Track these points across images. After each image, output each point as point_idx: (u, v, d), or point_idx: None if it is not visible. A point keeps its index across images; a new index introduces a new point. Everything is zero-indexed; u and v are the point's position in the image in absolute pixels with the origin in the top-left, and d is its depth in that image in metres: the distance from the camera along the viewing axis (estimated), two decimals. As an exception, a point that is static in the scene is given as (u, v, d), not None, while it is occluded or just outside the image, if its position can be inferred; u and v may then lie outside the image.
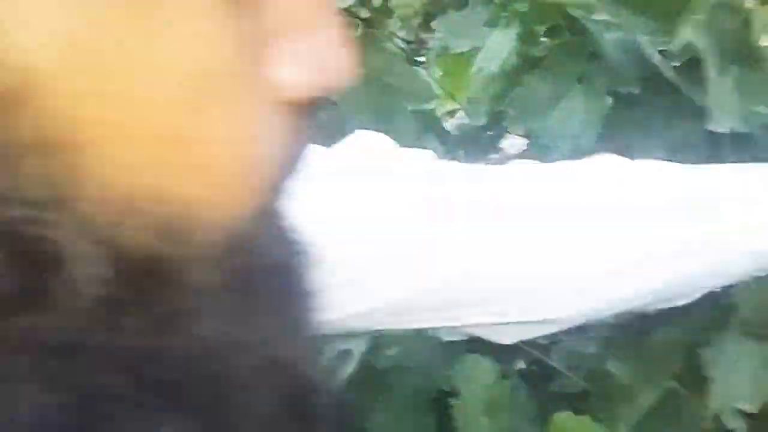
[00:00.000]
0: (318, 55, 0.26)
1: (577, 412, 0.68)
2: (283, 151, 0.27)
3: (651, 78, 0.68)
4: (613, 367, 0.70)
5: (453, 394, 0.71)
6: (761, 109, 0.63)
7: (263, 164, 0.26)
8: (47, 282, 0.22)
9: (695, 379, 0.68)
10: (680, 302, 0.58)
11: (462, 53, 0.83)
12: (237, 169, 0.25)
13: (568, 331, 0.60)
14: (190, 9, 0.23)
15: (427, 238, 0.53)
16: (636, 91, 0.70)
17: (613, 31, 0.69)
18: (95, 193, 0.22)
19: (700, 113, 0.65)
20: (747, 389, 0.66)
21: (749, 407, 0.66)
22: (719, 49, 0.62)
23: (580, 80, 0.71)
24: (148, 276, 0.23)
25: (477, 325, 0.56)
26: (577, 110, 0.70)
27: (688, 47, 0.63)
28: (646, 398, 0.69)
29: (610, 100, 0.71)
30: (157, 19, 0.22)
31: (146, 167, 0.23)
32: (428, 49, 1.05)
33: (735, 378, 0.67)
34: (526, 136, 0.76)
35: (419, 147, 0.58)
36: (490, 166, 0.58)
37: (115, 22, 0.21)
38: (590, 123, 0.70)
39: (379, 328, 0.58)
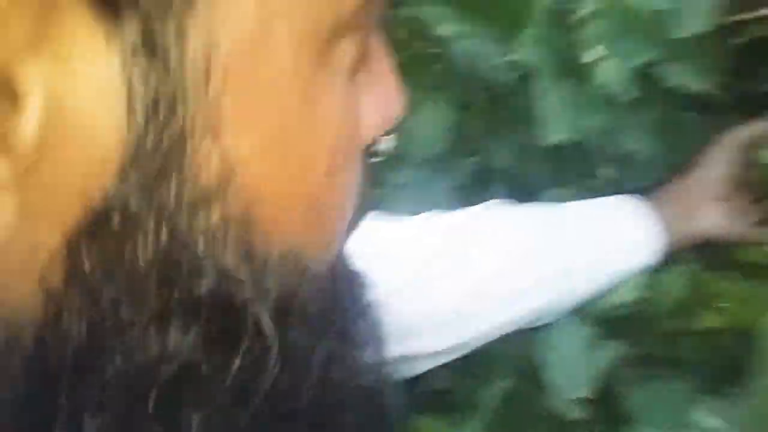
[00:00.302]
0: (387, 96, 0.30)
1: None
2: (362, 195, 0.31)
3: (496, 88, 0.71)
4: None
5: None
6: (589, 120, 0.67)
7: (355, 208, 0.30)
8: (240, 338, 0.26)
9: (534, 374, 0.69)
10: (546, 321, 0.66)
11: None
12: (343, 215, 0.30)
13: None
14: (321, 86, 0.26)
15: None
16: (483, 101, 0.72)
17: (461, 42, 0.70)
18: (276, 256, 0.26)
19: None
20: (579, 375, 0.66)
21: (585, 393, 0.66)
22: (551, 63, 0.66)
23: (430, 90, 0.73)
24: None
25: None
26: (428, 120, 0.72)
27: (524, 61, 0.66)
28: (491, 400, 0.70)
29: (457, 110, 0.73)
30: (315, 97, 0.26)
31: (301, 226, 0.27)
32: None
33: (565, 364, 0.66)
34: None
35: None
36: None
37: (290, 107, 0.25)
38: (441, 132, 0.72)
39: None
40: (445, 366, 0.64)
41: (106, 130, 0.23)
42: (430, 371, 0.64)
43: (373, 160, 0.31)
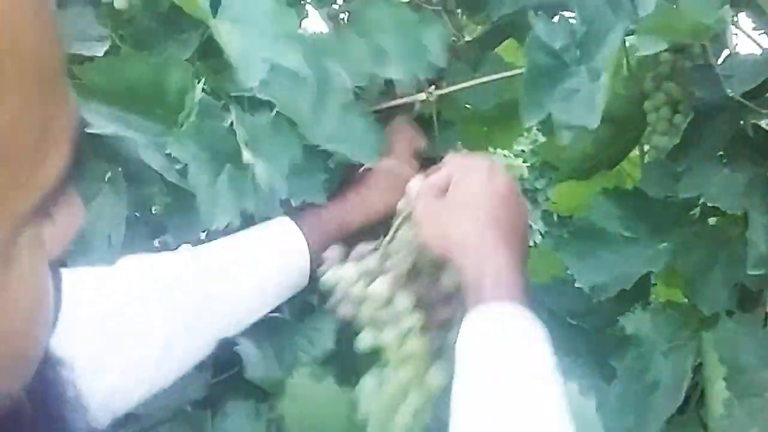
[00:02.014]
0: (71, 217, 0.35)
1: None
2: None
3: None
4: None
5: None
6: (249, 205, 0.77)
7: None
8: None
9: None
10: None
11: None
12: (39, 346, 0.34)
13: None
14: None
15: None
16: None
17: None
18: None
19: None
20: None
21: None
22: (209, 154, 0.72)
23: (107, 181, 0.81)
24: None
25: None
26: (106, 208, 0.80)
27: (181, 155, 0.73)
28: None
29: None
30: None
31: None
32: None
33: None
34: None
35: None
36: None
37: None
38: (118, 221, 0.80)
39: None
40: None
41: None
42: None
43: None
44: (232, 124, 0.76)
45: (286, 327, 0.85)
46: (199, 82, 0.75)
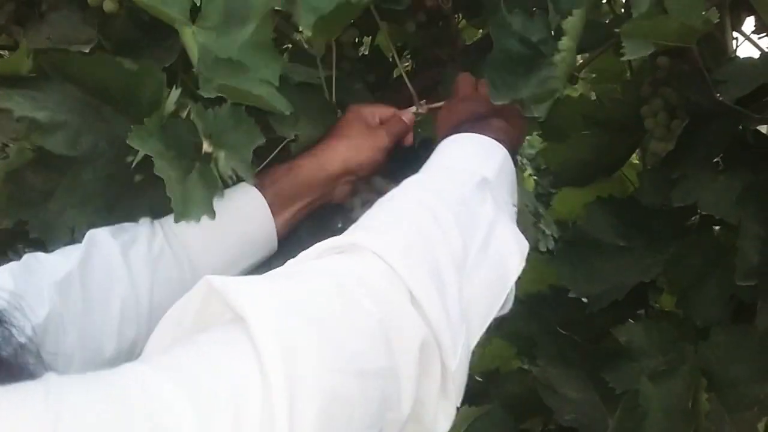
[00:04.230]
0: None
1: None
2: None
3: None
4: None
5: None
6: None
7: None
8: None
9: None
10: None
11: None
12: None
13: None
14: None
15: None
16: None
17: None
18: None
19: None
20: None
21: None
22: (175, 151, 0.72)
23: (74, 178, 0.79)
24: None
25: None
26: (72, 202, 0.78)
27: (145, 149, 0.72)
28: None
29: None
30: None
31: None
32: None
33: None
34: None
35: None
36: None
37: None
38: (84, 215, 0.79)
39: None
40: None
41: None
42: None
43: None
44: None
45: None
46: (177, 88, 0.75)
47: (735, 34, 0.94)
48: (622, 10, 1.12)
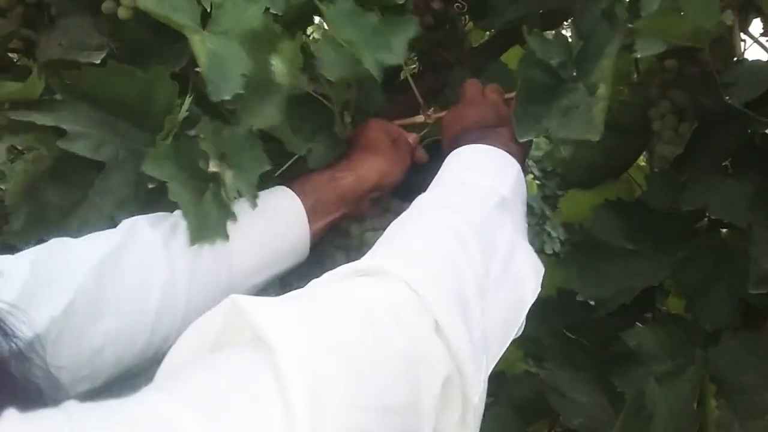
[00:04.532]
0: None
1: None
2: None
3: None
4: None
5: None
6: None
7: None
8: None
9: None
10: None
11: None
12: None
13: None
14: None
15: None
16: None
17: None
18: None
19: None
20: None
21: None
22: (188, 173, 0.72)
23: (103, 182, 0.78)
24: None
25: None
26: (92, 217, 0.78)
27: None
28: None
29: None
30: None
31: None
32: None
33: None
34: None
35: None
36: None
37: None
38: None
39: None
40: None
41: None
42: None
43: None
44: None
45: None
46: (189, 96, 0.75)
47: (743, 36, 0.94)
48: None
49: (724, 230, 0.92)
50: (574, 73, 0.78)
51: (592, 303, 0.92)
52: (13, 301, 0.56)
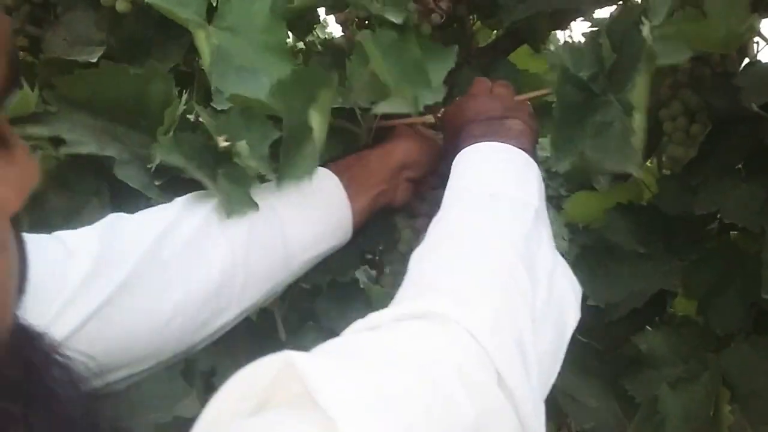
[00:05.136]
0: (23, 173, 0.35)
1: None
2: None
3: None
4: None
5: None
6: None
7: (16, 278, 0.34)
8: None
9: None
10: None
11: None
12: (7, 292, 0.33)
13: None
14: None
15: None
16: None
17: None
18: None
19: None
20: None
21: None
22: (196, 162, 0.71)
23: (94, 195, 0.80)
24: None
25: None
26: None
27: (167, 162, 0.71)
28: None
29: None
30: None
31: None
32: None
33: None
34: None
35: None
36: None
37: None
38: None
39: None
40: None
41: None
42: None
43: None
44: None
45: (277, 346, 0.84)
46: (185, 93, 0.74)
47: (756, 38, 0.93)
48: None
49: (735, 233, 0.92)
50: (607, 85, 0.75)
51: (602, 306, 0.91)
52: (85, 275, 0.60)
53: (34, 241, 0.40)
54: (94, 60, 0.84)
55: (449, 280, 0.56)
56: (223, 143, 0.72)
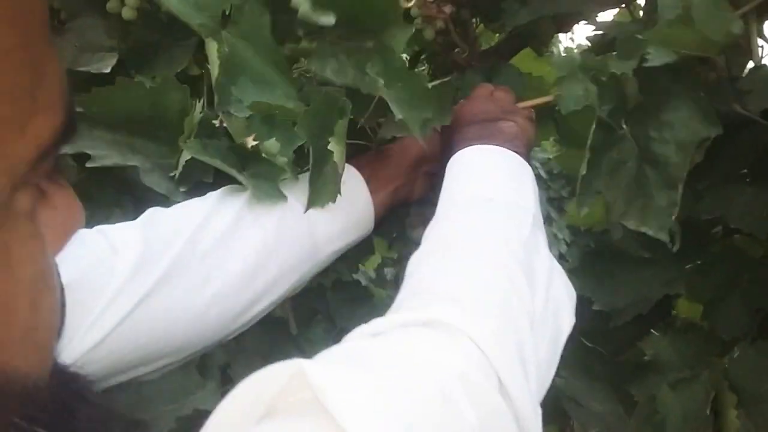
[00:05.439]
0: (68, 217, 0.36)
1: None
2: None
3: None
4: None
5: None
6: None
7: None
8: None
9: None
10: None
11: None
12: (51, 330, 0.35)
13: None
14: (7, 232, 0.32)
15: None
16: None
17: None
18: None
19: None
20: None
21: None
22: (225, 163, 0.71)
23: (116, 206, 0.82)
24: None
25: None
26: None
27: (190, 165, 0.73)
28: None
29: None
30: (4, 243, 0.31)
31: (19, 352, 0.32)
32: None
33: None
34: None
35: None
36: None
37: None
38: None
39: None
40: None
41: None
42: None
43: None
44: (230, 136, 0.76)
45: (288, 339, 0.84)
46: (199, 101, 0.74)
47: (761, 42, 0.93)
48: (641, 13, 1.11)
49: (740, 238, 0.92)
50: (624, 120, 0.75)
51: (607, 311, 0.91)
52: (131, 269, 0.62)
53: (79, 235, 0.40)
54: (107, 70, 0.85)
55: (450, 287, 0.57)
56: (251, 142, 0.73)
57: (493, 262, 0.59)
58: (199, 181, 0.77)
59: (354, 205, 0.80)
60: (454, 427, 0.44)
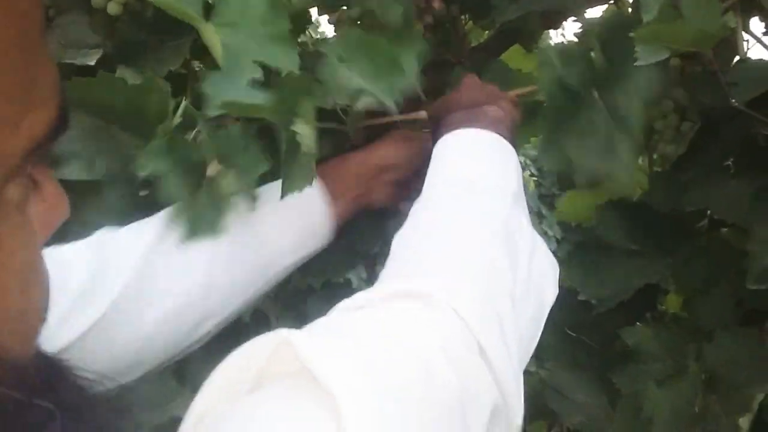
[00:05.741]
0: (53, 207, 0.38)
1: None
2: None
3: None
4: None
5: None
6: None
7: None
8: None
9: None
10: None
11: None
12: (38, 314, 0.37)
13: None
14: None
15: None
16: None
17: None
18: None
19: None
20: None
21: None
22: (179, 171, 0.71)
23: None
24: None
25: None
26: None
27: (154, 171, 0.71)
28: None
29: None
30: None
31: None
32: None
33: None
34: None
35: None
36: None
37: None
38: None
39: None
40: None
41: None
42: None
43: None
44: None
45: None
46: (181, 102, 0.74)
47: (746, 35, 0.93)
48: (629, 10, 1.12)
49: (725, 229, 0.92)
50: (593, 85, 0.75)
51: (593, 302, 0.92)
52: (83, 288, 0.63)
53: None
54: (92, 63, 0.85)
55: (432, 262, 0.59)
56: (212, 171, 0.73)
57: (474, 240, 0.60)
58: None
59: (309, 216, 0.79)
60: (437, 393, 0.46)
